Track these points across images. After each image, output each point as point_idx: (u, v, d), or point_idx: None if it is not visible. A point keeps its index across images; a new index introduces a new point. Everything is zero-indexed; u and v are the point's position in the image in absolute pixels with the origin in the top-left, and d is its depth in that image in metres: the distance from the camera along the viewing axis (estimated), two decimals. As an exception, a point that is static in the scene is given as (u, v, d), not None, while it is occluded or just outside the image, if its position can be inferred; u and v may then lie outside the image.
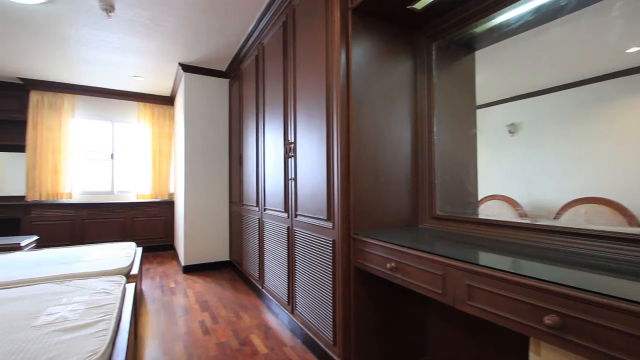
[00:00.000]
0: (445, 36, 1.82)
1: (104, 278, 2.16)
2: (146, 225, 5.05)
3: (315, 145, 1.97)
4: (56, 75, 4.33)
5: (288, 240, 2.37)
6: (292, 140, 2.27)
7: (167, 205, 5.21)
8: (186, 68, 3.88)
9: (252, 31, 2.99)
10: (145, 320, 2.60)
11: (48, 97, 4.63)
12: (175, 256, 4.81)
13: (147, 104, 5.21)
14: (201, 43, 3.32)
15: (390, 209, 1.86)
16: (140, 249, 3.25)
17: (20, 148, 4.62)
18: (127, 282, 2.27)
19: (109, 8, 2.64)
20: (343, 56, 1.74)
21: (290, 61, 2.33)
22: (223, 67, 3.99)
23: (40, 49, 3.47)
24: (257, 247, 3.05)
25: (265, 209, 2.84)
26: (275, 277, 2.63)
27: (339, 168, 1.73)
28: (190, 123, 3.94)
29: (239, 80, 3.64)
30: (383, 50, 1.85)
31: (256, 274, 3.08)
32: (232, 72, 3.91)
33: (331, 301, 1.81)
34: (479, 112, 1.76)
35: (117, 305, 1.71)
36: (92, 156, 5.07)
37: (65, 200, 4.71)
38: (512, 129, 1.62)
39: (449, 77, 1.87)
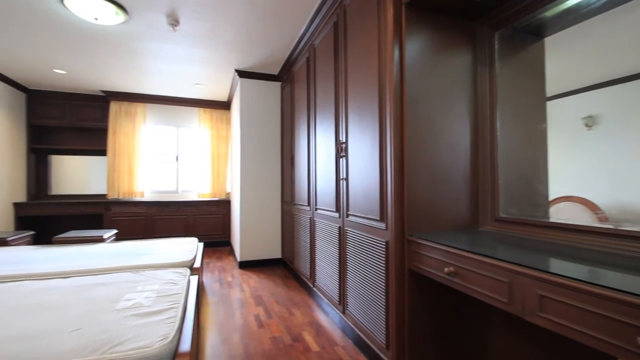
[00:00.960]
0: (509, 24, 1.68)
1: (171, 270, 2.36)
2: (206, 222, 5.42)
3: (367, 145, 1.95)
4: (131, 86, 4.84)
5: (339, 240, 2.38)
6: (344, 140, 2.27)
7: (225, 204, 5.53)
8: (242, 74, 4.09)
9: (304, 34, 3.06)
10: (205, 310, 2.78)
11: (124, 106, 5.21)
12: (231, 252, 5.10)
13: (207, 109, 5.59)
14: (255, 49, 3.47)
15: (447, 210, 1.77)
16: (201, 244, 3.50)
17: (102, 152, 5.27)
18: (191, 274, 2.45)
19: (174, 23, 2.89)
20: (396, 53, 1.69)
21: (342, 61, 2.34)
22: (275, 71, 4.14)
23: (118, 64, 3.91)
24: (308, 246, 3.10)
25: (316, 209, 2.89)
26: (326, 276, 2.65)
27: (392, 168, 1.69)
28: (245, 126, 4.15)
29: (291, 82, 3.74)
30: (438, 45, 1.77)
31: (307, 273, 3.14)
32: (284, 75, 4.03)
33: (384, 303, 1.77)
34: (548, 104, 1.59)
35: (183, 295, 1.85)
36: (160, 158, 5.59)
37: (138, 198, 5.26)
38: (590, 121, 1.43)
39: (513, 68, 1.72)
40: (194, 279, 2.30)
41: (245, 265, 4.13)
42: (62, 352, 1.21)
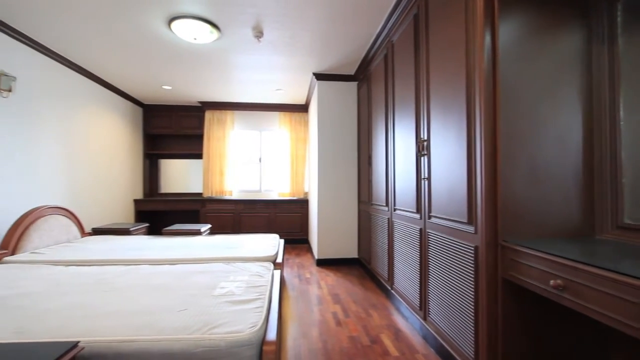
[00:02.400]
0: (638, -10, 1.39)
1: (257, 263, 2.55)
2: (285, 220, 5.73)
3: (452, 142, 1.81)
4: (222, 96, 5.39)
5: (420, 243, 2.27)
6: (425, 138, 2.16)
7: (303, 203, 5.77)
8: (319, 77, 4.21)
9: (381, 31, 3.00)
10: (286, 303, 2.93)
11: (217, 114, 5.82)
12: (309, 249, 5.29)
13: (286, 113, 5.91)
14: (332, 51, 3.54)
15: (552, 214, 1.54)
16: (282, 241, 3.70)
17: (199, 156, 5.98)
18: (274, 268, 2.61)
19: (259, 34, 3.11)
20: (487, 39, 1.54)
21: (423, 55, 2.22)
22: (352, 71, 4.15)
23: (212, 76, 4.39)
24: (386, 247, 3.03)
25: (395, 209, 2.80)
26: (405, 279, 2.56)
27: (483, 166, 1.54)
28: (322, 127, 4.26)
29: (367, 81, 3.71)
30: (539, 24, 1.55)
31: (385, 274, 3.07)
32: (361, 75, 4.02)
33: (472, 314, 1.63)
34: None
35: (268, 287, 1.98)
36: (245, 160, 6.09)
37: (227, 197, 5.82)
38: None
39: (644, 42, 1.41)
40: (277, 273, 2.44)
41: (322, 263, 4.24)
42: (174, 328, 1.40)
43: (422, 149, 2.20)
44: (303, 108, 5.91)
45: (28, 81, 3.26)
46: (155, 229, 5.80)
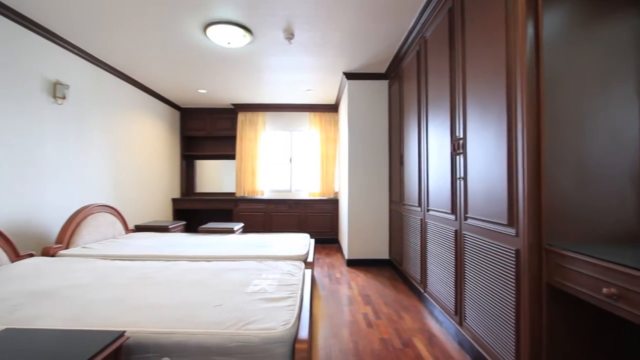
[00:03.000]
0: None
1: (288, 262, 2.58)
2: (316, 219, 5.76)
3: (490, 139, 1.73)
4: (253, 98, 5.52)
5: (455, 245, 2.18)
6: (461, 136, 2.08)
7: (333, 203, 5.77)
8: (349, 76, 4.19)
9: (413, 27, 2.93)
10: (317, 303, 2.95)
11: (249, 116, 5.98)
12: (339, 249, 5.28)
13: (316, 113, 5.94)
14: (362, 50, 3.50)
15: (602, 216, 1.42)
16: (312, 241, 3.72)
17: (232, 156, 6.17)
18: (305, 267, 2.63)
19: (290, 36, 3.15)
20: (530, 30, 1.45)
21: (458, 50, 2.14)
22: (382, 69, 4.09)
23: (244, 79, 4.51)
24: (418, 249, 2.96)
25: (428, 210, 2.72)
26: (439, 282, 2.48)
27: (525, 164, 1.45)
28: (352, 126, 4.24)
29: (399, 79, 3.64)
30: (588, 11, 1.44)
31: (417, 277, 2.99)
32: (392, 73, 3.95)
33: (513, 321, 1.54)
34: None
35: (300, 286, 2.00)
36: (276, 161, 6.20)
37: (259, 196, 5.96)
38: None
39: None
40: (308, 273, 2.46)
41: (352, 263, 4.22)
42: (210, 322, 1.45)
43: (458, 147, 2.11)
44: (333, 108, 5.91)
45: (79, 89, 3.53)
46: (191, 227, 6.06)
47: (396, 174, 3.80)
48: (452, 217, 2.22)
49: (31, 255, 2.68)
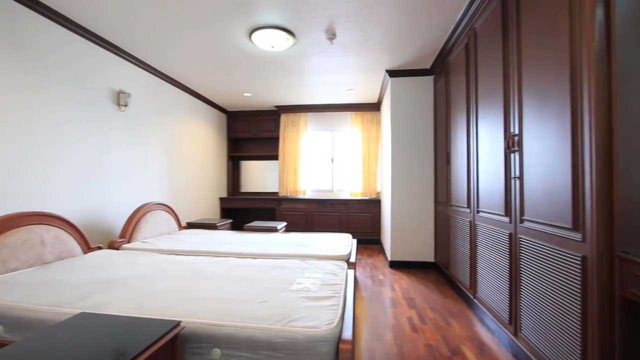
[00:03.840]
0: None
1: (331, 261, 2.59)
2: (357, 220, 5.71)
3: (550, 135, 1.59)
4: (295, 99, 5.63)
5: (510, 249, 2.04)
6: (516, 132, 1.93)
7: (375, 203, 5.68)
8: (392, 73, 4.10)
9: (461, 19, 2.79)
10: (359, 304, 2.92)
11: (291, 117, 6.10)
12: (381, 250, 5.19)
13: (358, 113, 5.89)
14: (405, 46, 3.41)
15: (692, 221, 1.24)
16: (354, 241, 3.69)
17: (275, 157, 6.34)
18: (347, 268, 2.62)
19: (332, 36, 3.16)
20: (599, 12, 1.30)
21: (512, 40, 2.00)
22: (427, 65, 3.95)
23: (287, 81, 4.61)
24: (467, 252, 2.81)
25: (478, 211, 2.57)
26: (491, 288, 2.33)
27: (594, 163, 1.31)
28: (395, 125, 4.14)
29: (446, 74, 3.49)
30: (676, -13, 1.26)
31: (466, 282, 2.84)
32: (437, 68, 3.80)
33: (579, 336, 1.40)
34: None
35: (343, 286, 1.99)
36: (317, 161, 6.26)
37: (301, 196, 6.05)
38: None
39: None
40: (351, 273, 2.45)
41: (395, 265, 4.12)
42: (257, 317, 1.50)
43: (512, 144, 1.97)
44: (375, 107, 5.82)
45: (138, 96, 3.85)
46: (237, 225, 6.33)
47: (442, 173, 3.64)
48: (506, 219, 2.08)
49: (99, 248, 2.97)
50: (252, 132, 6.41)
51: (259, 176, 6.63)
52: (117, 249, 3.09)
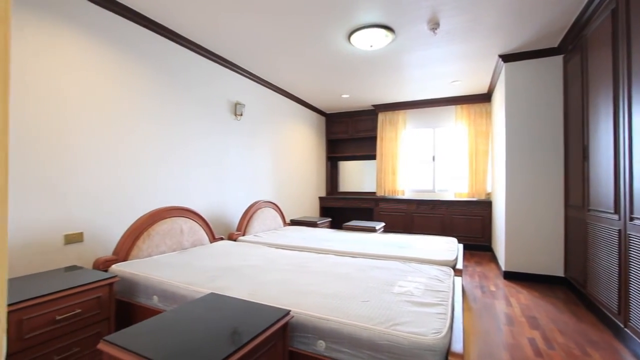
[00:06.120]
0: None
1: (434, 266, 2.42)
2: (463, 223, 5.22)
3: None
4: (393, 97, 5.48)
5: (685, 269, 1.55)
6: (696, 116, 1.46)
7: (485, 205, 5.10)
8: (506, 58, 3.61)
9: (604, -19, 2.26)
10: (467, 315, 2.66)
11: (389, 115, 5.97)
12: (493, 259, 4.62)
13: (464, 106, 5.39)
14: (525, 24, 2.95)
15: None
16: (461, 246, 3.38)
17: (372, 157, 6.31)
18: (454, 274, 2.41)
19: (435, 27, 2.96)
20: None
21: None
22: (554, 43, 3.34)
23: (384, 79, 4.52)
24: (615, 269, 2.26)
25: (631, 218, 2.05)
26: (653, 317, 1.82)
27: None
28: (511, 116, 3.63)
29: (581, 51, 2.88)
30: None
31: (612, 305, 2.29)
32: (569, 45, 3.17)
33: None
34: None
35: (450, 294, 1.84)
36: (417, 159, 5.96)
37: (399, 196, 5.86)
38: None
39: None
40: (458, 280, 2.25)
41: (511, 276, 3.61)
42: (359, 316, 1.51)
43: (690, 132, 1.50)
44: (484, 98, 5.23)
45: (250, 105, 4.32)
46: (335, 223, 6.52)
47: (576, 171, 3.02)
48: (679, 230, 1.59)
49: (221, 239, 3.45)
50: (349, 133, 6.51)
51: (356, 176, 6.69)
52: (235, 240, 3.53)
